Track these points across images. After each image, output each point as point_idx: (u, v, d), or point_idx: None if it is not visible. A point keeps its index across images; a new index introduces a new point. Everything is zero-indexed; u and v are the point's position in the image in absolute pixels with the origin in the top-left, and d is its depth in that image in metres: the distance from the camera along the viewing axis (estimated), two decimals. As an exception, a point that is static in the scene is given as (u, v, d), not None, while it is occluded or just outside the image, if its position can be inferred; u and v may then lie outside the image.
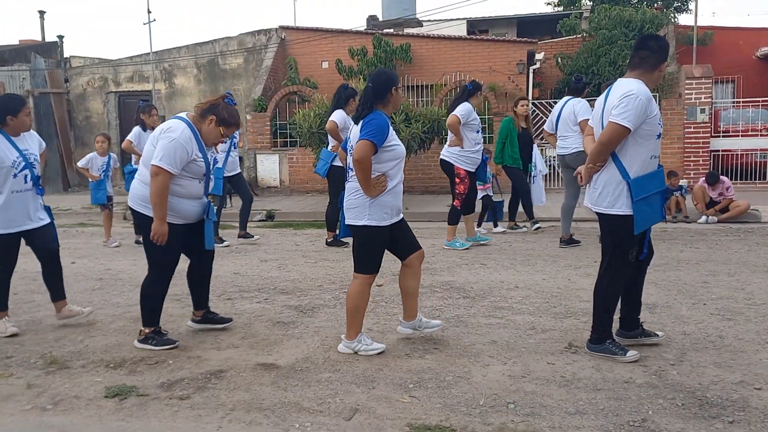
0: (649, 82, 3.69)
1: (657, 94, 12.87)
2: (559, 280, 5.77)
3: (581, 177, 3.90)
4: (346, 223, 3.98)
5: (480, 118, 7.53)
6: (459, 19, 19.61)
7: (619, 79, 3.82)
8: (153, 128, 8.08)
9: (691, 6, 22.33)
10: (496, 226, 8.63)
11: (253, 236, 8.32)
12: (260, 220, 10.48)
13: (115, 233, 8.54)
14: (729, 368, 3.58)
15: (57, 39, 18.51)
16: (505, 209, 8.84)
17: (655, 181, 3.69)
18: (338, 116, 7.36)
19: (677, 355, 3.80)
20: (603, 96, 3.83)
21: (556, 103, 13.47)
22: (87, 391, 3.49)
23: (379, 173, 3.82)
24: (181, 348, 4.15)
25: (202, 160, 4.07)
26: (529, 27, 20.76)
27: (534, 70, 15.53)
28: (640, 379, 3.46)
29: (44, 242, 4.59)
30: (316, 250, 7.61)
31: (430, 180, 13.11)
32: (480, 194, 8.21)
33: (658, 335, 4.01)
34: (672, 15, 19.74)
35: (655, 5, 20.22)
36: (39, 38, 19.77)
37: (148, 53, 16.53)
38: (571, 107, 7.10)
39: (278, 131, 14.32)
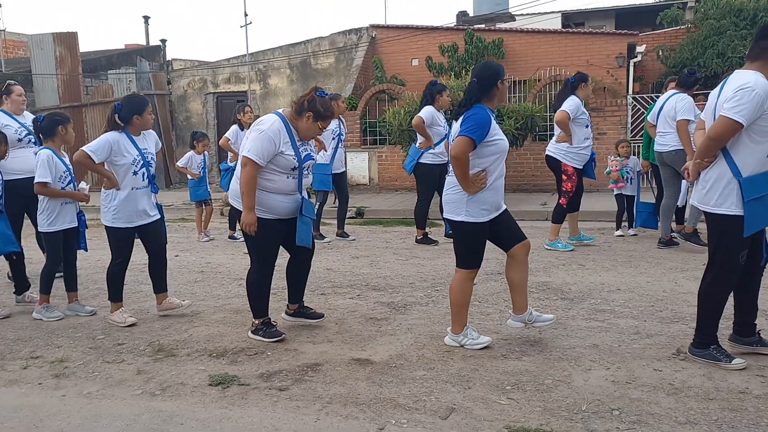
0: None
1: None
2: (664, 282, 5.47)
3: (689, 173, 3.69)
4: (444, 216, 3.98)
5: None
6: (553, 12, 19.07)
7: (736, 70, 3.57)
8: (249, 125, 8.45)
9: (811, -9, 20.62)
10: (631, 226, 7.89)
11: (349, 236, 8.32)
12: (349, 217, 10.60)
13: (211, 228, 8.87)
14: None
15: (160, 43, 19.59)
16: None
17: None
18: (426, 112, 7.27)
19: (800, 367, 3.50)
20: (718, 88, 3.60)
21: (658, 98, 12.93)
22: (192, 379, 3.63)
23: (479, 168, 3.79)
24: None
25: (293, 155, 4.07)
26: (627, 19, 19.87)
27: (635, 63, 14.84)
28: (758, 390, 3.23)
29: (155, 237, 4.85)
30: (407, 247, 7.60)
31: (522, 178, 12.84)
32: (614, 192, 7.93)
33: None
34: (789, 2, 18.25)
35: (770, -9, 18.83)
36: (143, 42, 20.97)
37: (244, 55, 17.10)
38: (674, 103, 6.58)
39: (368, 129, 14.47)
